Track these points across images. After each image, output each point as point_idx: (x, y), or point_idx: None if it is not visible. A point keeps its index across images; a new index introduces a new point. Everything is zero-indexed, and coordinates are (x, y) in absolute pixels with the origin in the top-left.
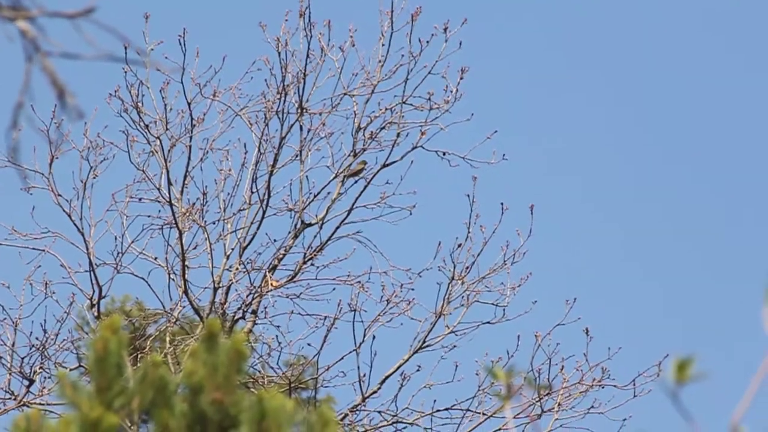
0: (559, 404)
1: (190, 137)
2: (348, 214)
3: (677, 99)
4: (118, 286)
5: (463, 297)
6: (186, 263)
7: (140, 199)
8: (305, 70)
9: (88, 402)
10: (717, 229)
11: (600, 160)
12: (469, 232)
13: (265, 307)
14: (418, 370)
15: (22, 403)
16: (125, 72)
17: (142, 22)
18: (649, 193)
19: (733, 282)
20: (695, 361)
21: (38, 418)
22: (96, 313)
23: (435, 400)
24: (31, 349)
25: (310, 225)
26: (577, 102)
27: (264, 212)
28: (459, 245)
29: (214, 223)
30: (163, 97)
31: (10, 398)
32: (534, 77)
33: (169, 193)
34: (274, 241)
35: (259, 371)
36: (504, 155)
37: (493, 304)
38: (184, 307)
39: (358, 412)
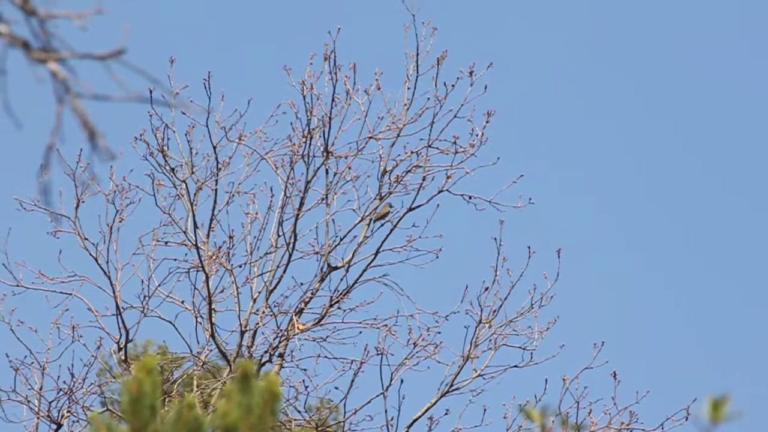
0: None
1: (216, 181)
2: (374, 258)
3: (722, 134)
4: (145, 330)
5: (490, 341)
6: (213, 307)
7: (166, 243)
8: (331, 114)
9: None
10: (747, 268)
11: (629, 202)
12: (496, 275)
13: (292, 351)
14: (446, 414)
15: None
16: (150, 115)
17: (168, 65)
18: (680, 237)
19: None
20: (729, 400)
21: None
22: (123, 357)
23: None
24: (58, 393)
25: (336, 268)
26: (605, 144)
27: (290, 256)
28: (486, 289)
29: (240, 267)
30: (188, 141)
31: None
32: (560, 120)
33: (196, 237)
34: (301, 284)
35: (286, 415)
36: (530, 199)
37: (520, 347)
38: (210, 350)
39: None
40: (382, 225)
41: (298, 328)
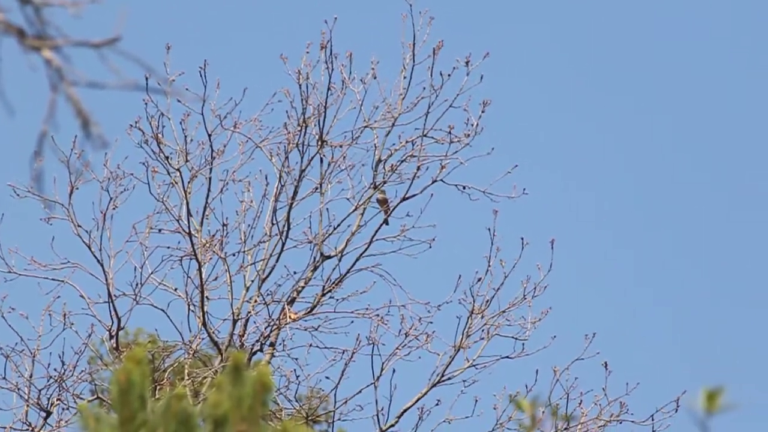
0: None
1: (210, 169)
2: (367, 247)
3: (712, 133)
4: (137, 318)
5: (482, 331)
6: (205, 295)
7: (160, 231)
8: (326, 103)
9: None
10: (738, 263)
11: (622, 194)
12: (489, 265)
13: (284, 340)
14: (437, 404)
15: None
16: (146, 103)
17: (164, 53)
18: (671, 229)
19: (756, 315)
20: (724, 391)
21: None
22: (114, 345)
23: None
24: (48, 380)
25: (329, 257)
26: (601, 136)
27: (284, 244)
28: (479, 279)
29: (234, 255)
30: (183, 129)
31: (27, 430)
32: (556, 111)
33: (189, 225)
34: (294, 273)
35: (277, 404)
36: (524, 190)
37: (513, 337)
38: (202, 339)
39: None
40: (380, 211)
41: (289, 317)
